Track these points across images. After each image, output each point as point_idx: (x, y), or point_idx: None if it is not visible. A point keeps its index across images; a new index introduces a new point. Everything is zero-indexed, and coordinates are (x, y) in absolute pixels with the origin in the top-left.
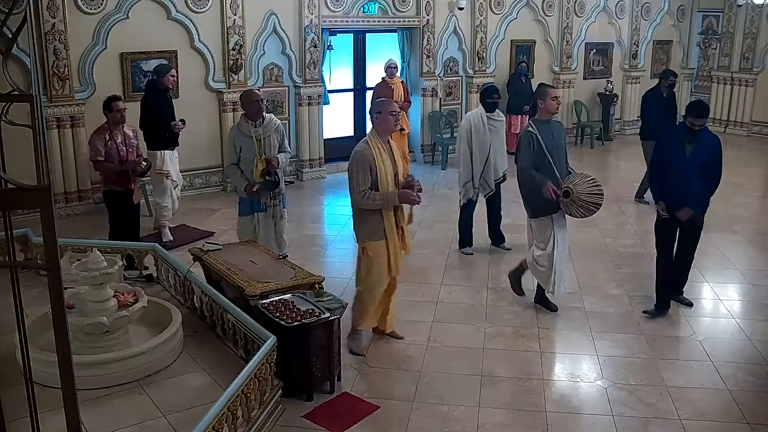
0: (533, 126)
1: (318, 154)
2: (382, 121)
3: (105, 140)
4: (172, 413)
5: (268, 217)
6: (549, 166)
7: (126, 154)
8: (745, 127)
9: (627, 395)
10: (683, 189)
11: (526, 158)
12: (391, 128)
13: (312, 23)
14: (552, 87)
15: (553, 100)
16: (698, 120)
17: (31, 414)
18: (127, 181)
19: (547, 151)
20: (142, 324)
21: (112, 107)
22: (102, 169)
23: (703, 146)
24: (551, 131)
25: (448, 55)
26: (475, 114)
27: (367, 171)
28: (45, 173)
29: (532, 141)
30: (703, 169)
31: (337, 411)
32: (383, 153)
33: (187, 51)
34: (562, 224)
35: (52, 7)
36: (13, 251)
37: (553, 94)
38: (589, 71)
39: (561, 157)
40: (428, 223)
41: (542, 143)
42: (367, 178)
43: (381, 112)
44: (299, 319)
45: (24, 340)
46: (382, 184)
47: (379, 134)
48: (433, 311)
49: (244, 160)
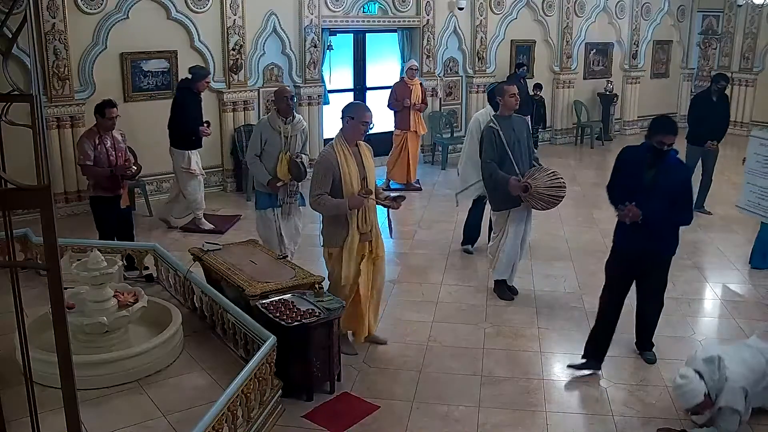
0: (495, 121)
1: (318, 154)
2: (351, 128)
3: (95, 144)
4: (172, 413)
5: (284, 213)
6: (510, 162)
7: (115, 159)
8: (745, 127)
9: (627, 395)
10: (643, 221)
11: (489, 153)
12: (357, 137)
13: (312, 23)
14: (509, 84)
15: (511, 97)
16: (668, 137)
17: (31, 414)
18: (117, 186)
19: (507, 146)
20: (142, 324)
21: (105, 113)
22: (90, 173)
23: (666, 175)
24: (512, 126)
25: (448, 55)
26: (484, 113)
27: (328, 176)
28: (45, 173)
29: (494, 137)
30: (668, 201)
31: (337, 411)
32: (349, 157)
33: (187, 51)
34: (521, 217)
35: (52, 7)
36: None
37: (510, 92)
38: (589, 71)
39: (523, 151)
40: (428, 223)
41: (503, 138)
42: (325, 183)
43: (353, 117)
44: (299, 319)
45: (24, 340)
46: (347, 188)
47: (345, 139)
48: (433, 311)
49: (266, 154)
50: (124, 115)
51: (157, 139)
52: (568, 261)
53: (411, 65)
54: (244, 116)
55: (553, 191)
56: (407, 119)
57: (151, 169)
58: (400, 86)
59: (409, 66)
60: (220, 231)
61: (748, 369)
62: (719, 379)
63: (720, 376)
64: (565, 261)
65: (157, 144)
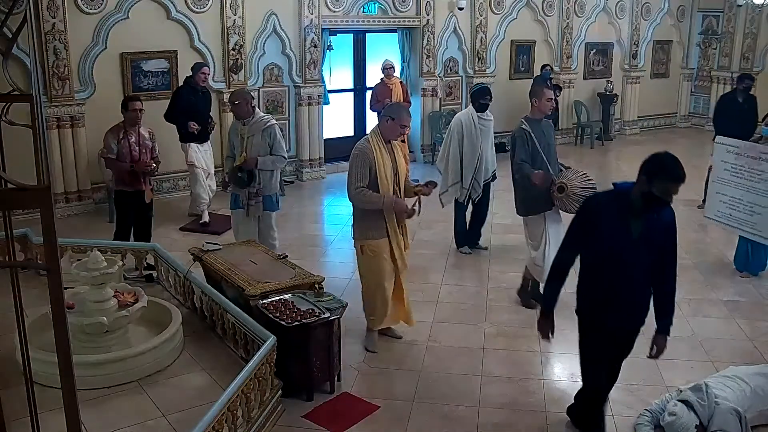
0: (526, 124)
1: (318, 154)
2: (390, 128)
3: (118, 138)
4: (172, 413)
5: (248, 216)
6: (542, 162)
7: (138, 155)
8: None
9: (627, 395)
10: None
11: (522, 154)
12: (394, 137)
13: (312, 23)
14: (547, 87)
15: (548, 101)
16: (676, 186)
17: (31, 414)
18: (137, 182)
19: (540, 148)
20: (142, 324)
21: (129, 106)
22: (112, 167)
23: (657, 222)
24: (542, 130)
25: (448, 55)
26: (466, 114)
27: (366, 169)
28: (45, 173)
29: (526, 138)
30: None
31: (337, 411)
32: (384, 153)
33: (187, 51)
34: (556, 220)
35: (52, 7)
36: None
37: (548, 96)
38: (589, 71)
39: (552, 156)
40: (428, 223)
41: (535, 141)
42: (365, 176)
43: (394, 119)
44: (299, 319)
45: (24, 340)
46: (382, 183)
47: (382, 135)
48: (433, 311)
49: (234, 155)
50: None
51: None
52: None
53: (386, 64)
54: None
55: (587, 192)
56: None
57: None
58: (380, 87)
59: (384, 65)
60: (215, 231)
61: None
62: (708, 404)
63: (709, 401)
64: None
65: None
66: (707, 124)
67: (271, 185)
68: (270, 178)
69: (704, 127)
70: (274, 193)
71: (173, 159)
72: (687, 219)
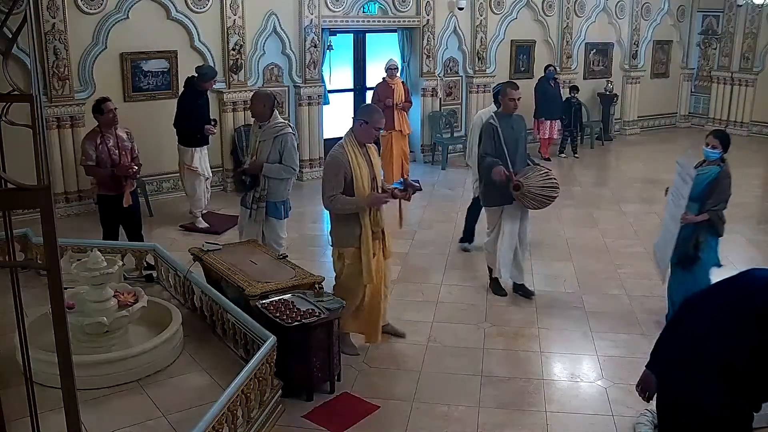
0: (495, 118)
1: (318, 154)
2: (365, 131)
3: (96, 144)
4: (172, 413)
5: (252, 218)
6: (504, 157)
7: (119, 158)
8: (745, 127)
9: (627, 395)
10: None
11: (487, 147)
12: (368, 140)
13: (312, 23)
14: (513, 88)
15: (510, 101)
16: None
17: (31, 414)
18: (119, 186)
19: (504, 143)
20: (142, 324)
21: (103, 109)
22: (92, 174)
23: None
24: (511, 124)
25: (448, 55)
26: (487, 112)
27: (341, 176)
28: (45, 173)
29: (493, 132)
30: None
31: (337, 411)
32: (360, 158)
33: (187, 51)
34: (513, 216)
35: (52, 7)
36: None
37: (510, 96)
38: (589, 71)
39: (520, 151)
40: (428, 223)
41: (501, 135)
42: (339, 184)
43: (368, 122)
44: (299, 319)
45: (24, 340)
46: (359, 188)
47: (357, 139)
48: (433, 311)
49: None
50: (124, 115)
51: (158, 139)
52: (568, 261)
53: (390, 65)
54: (244, 116)
55: (545, 191)
56: (391, 119)
57: (152, 169)
58: (381, 86)
59: (389, 65)
60: (216, 231)
61: None
62: None
63: None
64: (565, 261)
65: (157, 144)
66: (707, 124)
67: (279, 192)
68: (278, 186)
69: (704, 127)
70: (281, 201)
71: (174, 159)
72: None
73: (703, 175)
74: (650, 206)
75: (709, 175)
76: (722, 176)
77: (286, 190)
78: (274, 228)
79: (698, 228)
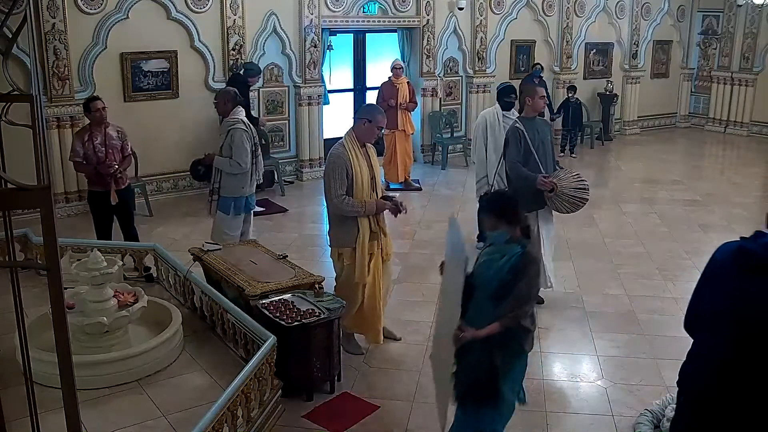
0: (520, 123)
1: (318, 154)
2: (366, 131)
3: (83, 141)
4: (172, 413)
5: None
6: (534, 162)
7: (105, 156)
8: (745, 127)
9: (627, 395)
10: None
11: (514, 154)
12: (369, 140)
13: (312, 23)
14: (537, 87)
15: (541, 98)
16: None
17: (31, 414)
18: (105, 182)
19: (532, 147)
20: (142, 324)
21: (90, 107)
22: (78, 169)
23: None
24: (536, 128)
25: (448, 55)
26: (491, 112)
27: (344, 176)
28: (45, 173)
29: (519, 137)
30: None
31: (337, 411)
32: (360, 157)
33: (187, 51)
34: (548, 220)
35: (52, 7)
36: (13, 251)
37: (541, 93)
38: (589, 71)
39: (547, 154)
40: (428, 223)
41: (528, 140)
42: (344, 183)
43: (371, 121)
44: (299, 319)
45: (24, 340)
46: (358, 188)
47: (357, 139)
48: (433, 311)
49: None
50: (124, 115)
51: (158, 139)
52: (568, 261)
53: (396, 64)
54: None
55: (579, 193)
56: (395, 119)
57: (151, 169)
58: (386, 86)
59: (394, 65)
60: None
61: None
62: None
63: None
64: (565, 261)
65: (157, 144)
66: (707, 124)
67: (230, 188)
68: (230, 181)
69: (704, 127)
70: (233, 197)
71: (174, 159)
72: (686, 219)
73: (496, 261)
74: (650, 206)
75: (509, 261)
76: (526, 262)
77: (240, 187)
78: (218, 222)
79: (492, 344)
